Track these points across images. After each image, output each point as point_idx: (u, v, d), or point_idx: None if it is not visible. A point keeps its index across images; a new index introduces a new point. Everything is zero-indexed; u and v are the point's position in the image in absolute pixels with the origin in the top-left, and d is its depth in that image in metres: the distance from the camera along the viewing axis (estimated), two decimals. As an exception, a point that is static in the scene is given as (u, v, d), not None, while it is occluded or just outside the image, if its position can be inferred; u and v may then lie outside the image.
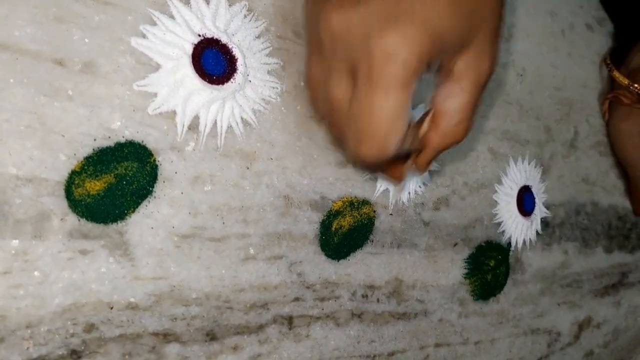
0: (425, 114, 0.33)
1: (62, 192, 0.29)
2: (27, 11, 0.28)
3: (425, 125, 0.33)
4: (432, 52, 0.28)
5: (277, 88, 0.36)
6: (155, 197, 0.32)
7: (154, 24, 0.32)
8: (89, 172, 0.30)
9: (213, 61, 0.33)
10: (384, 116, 0.28)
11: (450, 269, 0.45)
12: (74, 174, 0.29)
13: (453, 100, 0.32)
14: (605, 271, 0.58)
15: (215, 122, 0.34)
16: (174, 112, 0.32)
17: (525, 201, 0.50)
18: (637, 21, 0.59)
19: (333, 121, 0.32)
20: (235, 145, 0.34)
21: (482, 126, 0.47)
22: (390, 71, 0.27)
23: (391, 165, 0.35)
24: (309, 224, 0.37)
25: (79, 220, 0.30)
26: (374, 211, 0.40)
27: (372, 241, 0.40)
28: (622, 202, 0.60)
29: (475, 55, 0.31)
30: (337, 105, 0.31)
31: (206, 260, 0.33)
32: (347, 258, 0.39)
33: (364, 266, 0.40)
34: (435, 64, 0.30)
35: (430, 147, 0.33)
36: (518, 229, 0.49)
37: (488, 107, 0.48)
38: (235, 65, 0.34)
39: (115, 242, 0.31)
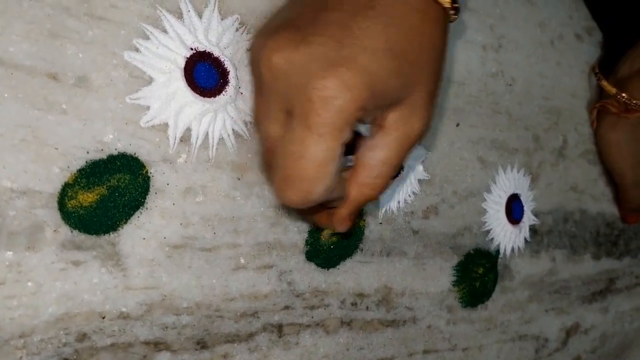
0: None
1: (56, 204, 0.30)
2: (22, 27, 0.29)
3: (346, 176, 0.32)
4: (368, 102, 0.28)
5: (268, 100, 0.37)
6: (147, 209, 0.32)
7: (147, 38, 0.33)
8: (81, 184, 0.30)
9: (205, 74, 0.34)
10: (314, 161, 0.28)
11: (439, 277, 0.46)
12: (67, 186, 0.30)
13: (376, 152, 0.31)
14: (593, 278, 0.59)
15: (207, 134, 0.34)
16: (166, 125, 0.33)
17: (513, 209, 0.51)
18: (626, 31, 0.60)
19: (267, 161, 0.32)
20: (226, 157, 0.35)
21: (471, 135, 0.48)
22: (325, 116, 0.27)
23: (319, 212, 0.34)
24: (299, 233, 0.38)
25: (71, 231, 0.30)
26: (364, 220, 0.41)
27: (362, 250, 0.41)
28: (610, 210, 0.61)
29: (407, 113, 0.31)
30: (272, 144, 0.31)
31: (197, 270, 0.34)
32: (337, 267, 0.40)
33: (354, 274, 0.41)
34: (368, 116, 0.30)
35: (349, 199, 0.32)
36: (507, 237, 0.50)
37: (477, 116, 0.49)
38: (227, 77, 0.35)
39: (107, 252, 0.31)
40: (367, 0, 0.29)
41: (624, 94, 0.55)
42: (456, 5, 0.31)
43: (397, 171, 0.33)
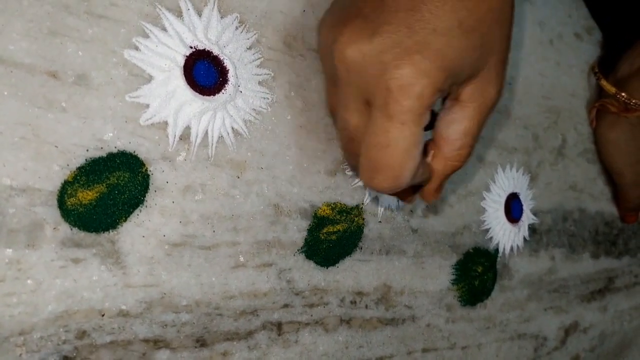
0: (426, 144, 0.33)
1: (55, 202, 0.30)
2: (21, 25, 0.29)
3: (430, 155, 0.33)
4: (445, 83, 0.29)
5: (268, 98, 0.37)
6: (146, 207, 0.32)
7: (146, 36, 0.33)
8: (81, 182, 0.30)
9: (204, 73, 0.34)
10: (400, 148, 0.29)
11: (438, 275, 0.46)
12: (66, 184, 0.30)
13: (456, 126, 0.32)
14: (591, 276, 0.59)
15: (207, 132, 0.34)
16: (166, 123, 0.33)
17: (513, 208, 0.51)
18: (626, 30, 0.60)
19: (349, 150, 0.33)
20: (226, 155, 0.35)
21: (471, 135, 0.48)
22: (405, 104, 0.28)
23: (404, 192, 0.36)
24: (299, 232, 0.38)
25: (71, 229, 0.30)
26: (363, 219, 0.41)
27: (361, 248, 0.41)
28: (609, 209, 0.61)
29: (483, 84, 0.32)
30: (353, 134, 0.32)
31: (196, 268, 0.34)
32: (336, 265, 0.40)
33: (353, 273, 0.41)
34: (444, 93, 0.31)
35: (436, 174, 0.34)
36: (506, 236, 0.50)
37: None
38: (227, 76, 0.35)
39: (107, 250, 0.31)
40: None
41: (623, 93, 0.55)
42: None
43: (477, 140, 0.34)
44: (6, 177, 0.28)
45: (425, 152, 0.33)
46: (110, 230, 0.31)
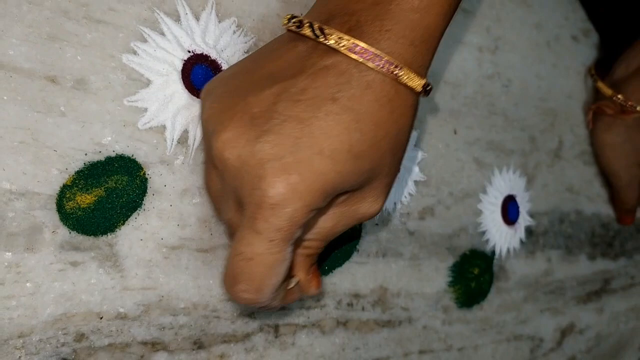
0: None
1: (54, 206, 0.30)
2: (21, 30, 0.29)
3: (292, 282, 0.32)
4: (321, 204, 0.28)
5: (265, 102, 0.37)
6: (144, 210, 0.33)
7: (144, 40, 0.33)
8: (80, 186, 0.31)
9: (202, 77, 0.34)
10: (263, 264, 0.28)
11: (435, 278, 0.46)
12: (65, 188, 0.30)
13: (319, 222, 0.31)
14: (588, 278, 0.59)
15: (204, 136, 0.35)
16: (164, 127, 0.33)
17: (509, 210, 0.51)
18: (622, 32, 0.60)
19: (228, 234, 0.32)
20: (223, 159, 0.35)
21: (468, 136, 0.49)
22: (275, 223, 0.27)
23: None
24: (296, 234, 0.38)
25: (70, 232, 0.30)
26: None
27: (358, 250, 0.41)
28: (606, 211, 0.62)
29: (359, 198, 0.30)
30: (229, 225, 0.31)
31: (194, 271, 0.34)
32: (332, 270, 0.40)
33: (350, 275, 0.41)
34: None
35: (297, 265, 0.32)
36: (502, 238, 0.50)
37: (474, 117, 0.49)
38: (224, 80, 0.35)
39: (105, 253, 0.32)
40: (332, 91, 0.27)
41: (620, 96, 0.55)
42: (429, 87, 0.30)
43: (329, 240, 0.33)
44: (5, 181, 0.29)
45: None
46: (109, 234, 0.32)
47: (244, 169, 0.27)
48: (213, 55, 0.35)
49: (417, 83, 0.29)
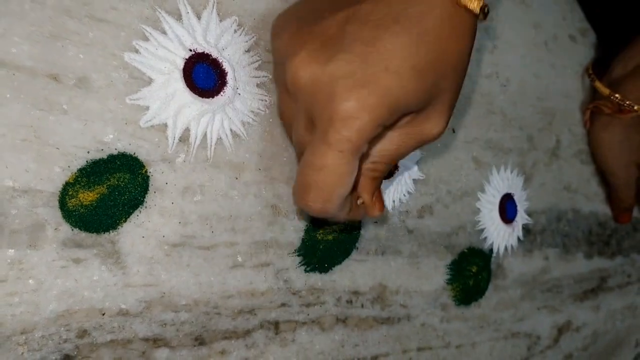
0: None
1: (57, 203, 0.30)
2: (23, 29, 0.29)
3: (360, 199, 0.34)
4: (388, 119, 0.30)
5: (266, 100, 0.37)
6: (146, 207, 0.33)
7: (146, 39, 0.33)
8: (82, 184, 0.31)
9: (203, 75, 0.35)
10: (333, 173, 0.29)
11: (433, 275, 0.46)
12: (67, 185, 0.31)
13: (380, 145, 0.33)
14: (585, 276, 0.60)
15: (205, 134, 0.35)
16: (165, 125, 0.34)
17: (507, 209, 0.51)
18: (620, 32, 0.60)
19: (298, 154, 0.34)
20: (224, 157, 0.36)
21: (466, 135, 0.49)
22: (345, 135, 0.28)
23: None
24: (296, 232, 0.39)
25: (72, 229, 0.31)
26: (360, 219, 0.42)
27: (357, 248, 0.42)
28: (603, 209, 0.62)
29: (423, 118, 0.32)
30: (300, 144, 0.32)
31: (195, 268, 0.35)
32: (333, 267, 0.40)
33: (349, 273, 0.41)
34: (386, 125, 0.31)
35: (361, 187, 0.34)
36: (500, 236, 0.51)
37: (472, 116, 0.49)
38: (225, 78, 0.35)
39: (107, 250, 0.32)
40: (395, 13, 0.29)
41: (617, 95, 0.56)
42: (486, 9, 0.31)
43: (394, 163, 0.34)
44: (8, 178, 0.29)
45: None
46: (111, 231, 0.32)
47: (317, 87, 0.29)
48: (214, 54, 0.35)
49: (475, 5, 0.30)
